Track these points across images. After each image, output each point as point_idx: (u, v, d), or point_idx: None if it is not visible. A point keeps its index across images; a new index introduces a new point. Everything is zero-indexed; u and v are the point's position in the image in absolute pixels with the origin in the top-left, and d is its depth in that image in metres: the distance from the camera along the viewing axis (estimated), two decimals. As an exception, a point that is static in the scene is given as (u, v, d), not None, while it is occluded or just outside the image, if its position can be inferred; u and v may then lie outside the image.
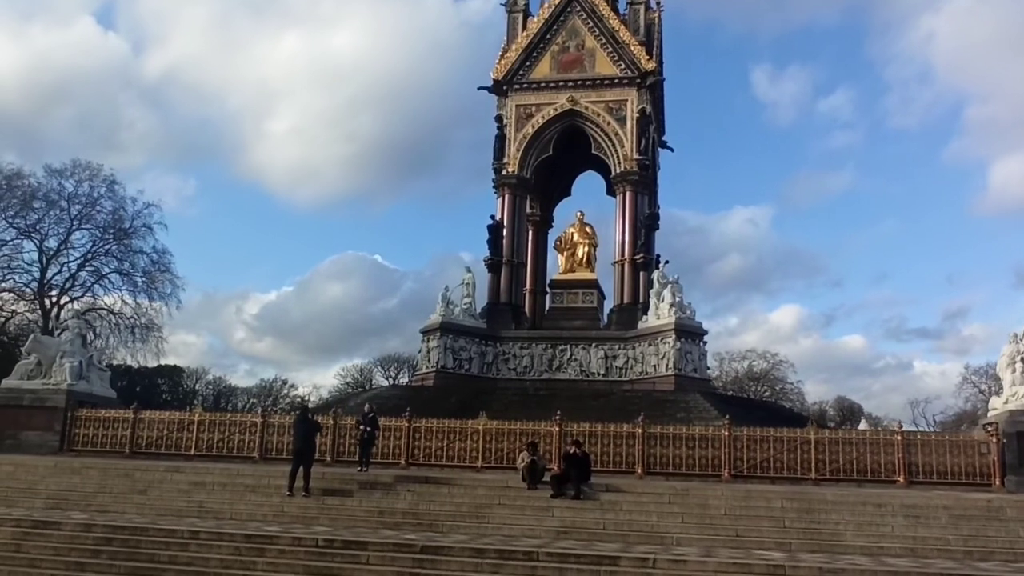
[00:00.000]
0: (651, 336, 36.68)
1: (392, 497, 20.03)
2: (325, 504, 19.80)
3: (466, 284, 39.59)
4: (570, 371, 38.06)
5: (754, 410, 33.00)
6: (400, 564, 15.30)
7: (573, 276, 41.36)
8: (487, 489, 20.11)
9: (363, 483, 20.93)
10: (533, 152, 40.98)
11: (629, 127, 39.61)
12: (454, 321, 38.39)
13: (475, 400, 32.63)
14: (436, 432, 26.99)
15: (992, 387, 71.24)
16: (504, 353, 38.84)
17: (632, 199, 39.52)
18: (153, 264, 58.18)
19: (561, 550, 15.51)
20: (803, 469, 25.27)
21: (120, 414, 29.71)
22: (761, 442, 25.76)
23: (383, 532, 17.59)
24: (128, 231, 58.07)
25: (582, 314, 40.40)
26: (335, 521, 18.74)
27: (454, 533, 17.70)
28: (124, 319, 58.29)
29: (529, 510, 18.86)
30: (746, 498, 19.00)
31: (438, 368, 37.59)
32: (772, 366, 74.30)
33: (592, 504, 18.98)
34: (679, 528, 17.68)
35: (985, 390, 71.00)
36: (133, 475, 22.23)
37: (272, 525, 18.20)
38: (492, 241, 40.39)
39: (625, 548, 16.16)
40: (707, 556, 15.38)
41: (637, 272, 39.19)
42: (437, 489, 20.28)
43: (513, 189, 40.75)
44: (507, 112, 41.18)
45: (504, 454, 26.21)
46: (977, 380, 71.90)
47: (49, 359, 31.78)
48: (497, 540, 16.72)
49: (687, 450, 25.93)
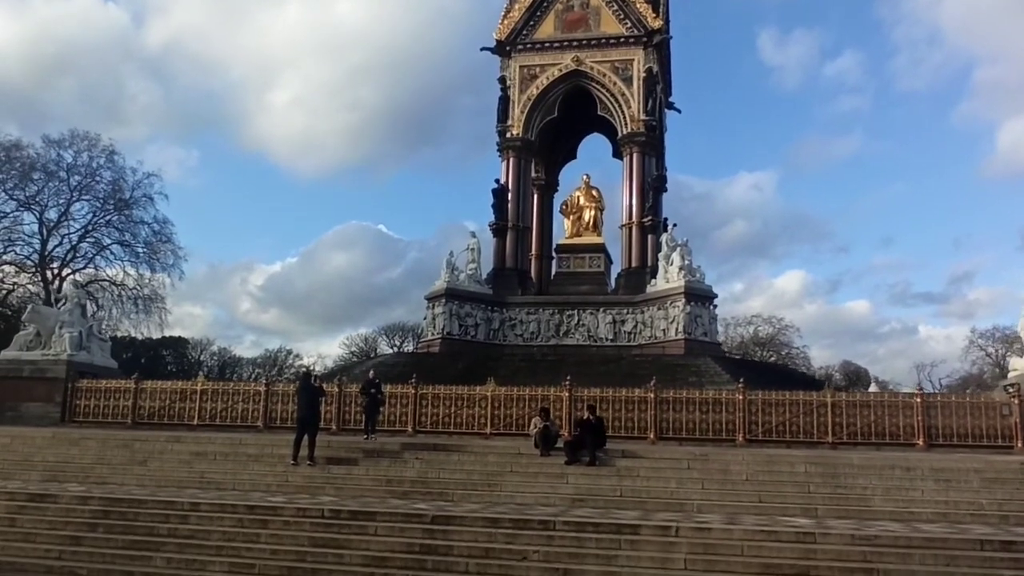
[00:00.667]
0: (660, 300, 35.74)
1: (400, 465, 19.22)
2: (331, 473, 18.99)
3: (471, 249, 38.56)
4: (578, 336, 37.12)
5: (766, 373, 32.18)
6: (410, 535, 14.50)
7: (580, 240, 40.33)
8: (498, 456, 19.29)
9: (369, 451, 20.11)
10: (538, 114, 39.74)
11: (636, 87, 38.36)
12: (459, 287, 37.44)
13: (482, 367, 31.78)
14: (443, 399, 26.24)
15: (999, 350, 70.76)
16: (511, 319, 37.89)
17: (639, 161, 38.37)
18: (155, 235, 57.39)
19: (578, 518, 14.69)
20: (820, 433, 24.54)
21: (121, 384, 28.98)
22: (776, 406, 24.99)
23: (391, 502, 16.79)
24: (128, 202, 57.23)
25: (589, 279, 39.42)
26: (341, 491, 17.95)
27: (465, 502, 16.90)
28: (127, 291, 57.58)
29: (543, 477, 18.03)
30: (768, 463, 18.16)
31: (444, 335, 36.69)
32: (778, 331, 73.54)
33: (608, 471, 18.14)
34: (700, 495, 16.85)
35: (992, 353, 70.55)
36: (132, 446, 21.42)
37: (276, 495, 17.41)
38: (497, 205, 39.30)
39: (645, 516, 15.34)
40: (731, 523, 14.56)
41: (645, 235, 38.15)
42: (447, 456, 19.46)
43: (518, 152, 39.59)
44: (511, 74, 39.91)
45: (513, 420, 25.49)
46: (984, 343, 71.02)
47: (48, 329, 30.97)
48: (510, 509, 15.91)
49: (700, 414, 25.21)
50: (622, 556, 13.50)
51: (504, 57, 40.02)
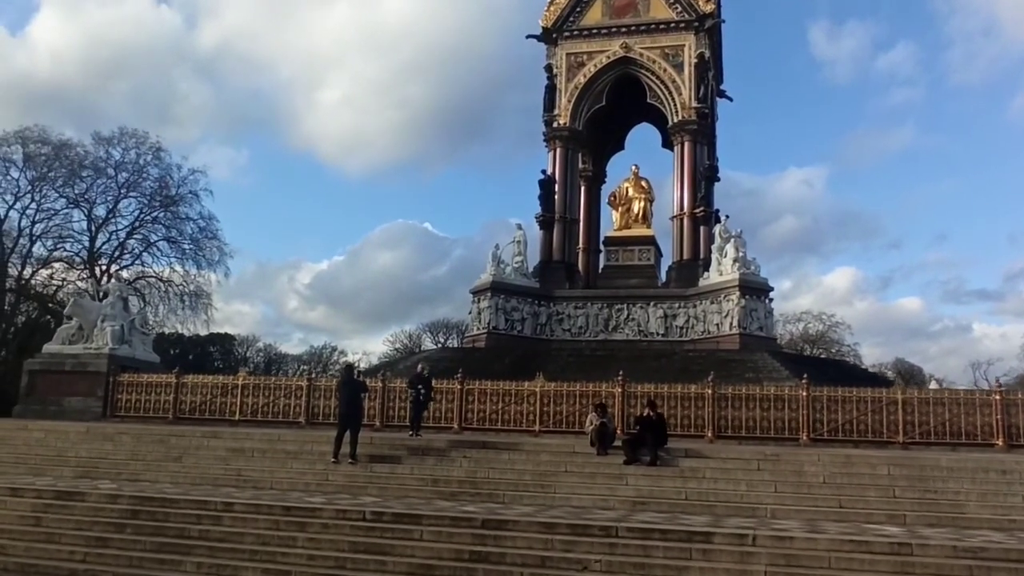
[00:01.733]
0: (714, 293, 34.02)
1: (447, 464, 17.82)
2: (373, 472, 17.66)
3: (517, 242, 37.06)
4: (627, 331, 35.53)
5: (825, 370, 30.33)
6: (458, 540, 13.10)
7: (629, 233, 38.66)
8: (551, 455, 17.81)
9: (414, 449, 18.74)
10: (585, 103, 38.16)
11: (687, 73, 36.62)
12: (506, 280, 36.02)
13: (529, 362, 30.43)
14: (490, 394, 24.96)
15: (1058, 349, 67.63)
16: (558, 313, 36.40)
17: (691, 150, 36.63)
18: (200, 231, 56.51)
19: (643, 524, 13.20)
20: (890, 432, 22.92)
21: (163, 379, 28.05)
22: (843, 403, 23.42)
23: (438, 503, 15.40)
24: (174, 198, 56.54)
25: (639, 272, 37.77)
26: (384, 491, 16.60)
27: (517, 504, 15.46)
28: (173, 287, 56.93)
29: (600, 478, 16.51)
30: (846, 464, 16.47)
31: (489, 329, 35.30)
32: (828, 328, 70.99)
33: (671, 471, 16.58)
34: (772, 498, 15.23)
35: (1048, 353, 67.45)
36: (168, 441, 20.32)
37: (315, 495, 16.12)
38: (544, 197, 37.78)
39: (715, 522, 13.79)
40: (814, 531, 12.95)
41: (697, 226, 36.40)
42: (496, 455, 18.01)
43: (565, 142, 38.03)
44: (557, 61, 38.37)
45: (563, 418, 24.18)
46: (1043, 340, 67.75)
47: (90, 323, 30.10)
48: (567, 513, 14.45)
49: (761, 412, 23.70)
50: (693, 568, 11.97)
51: (550, 45, 38.52)
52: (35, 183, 52.84)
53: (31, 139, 52.92)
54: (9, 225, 52.73)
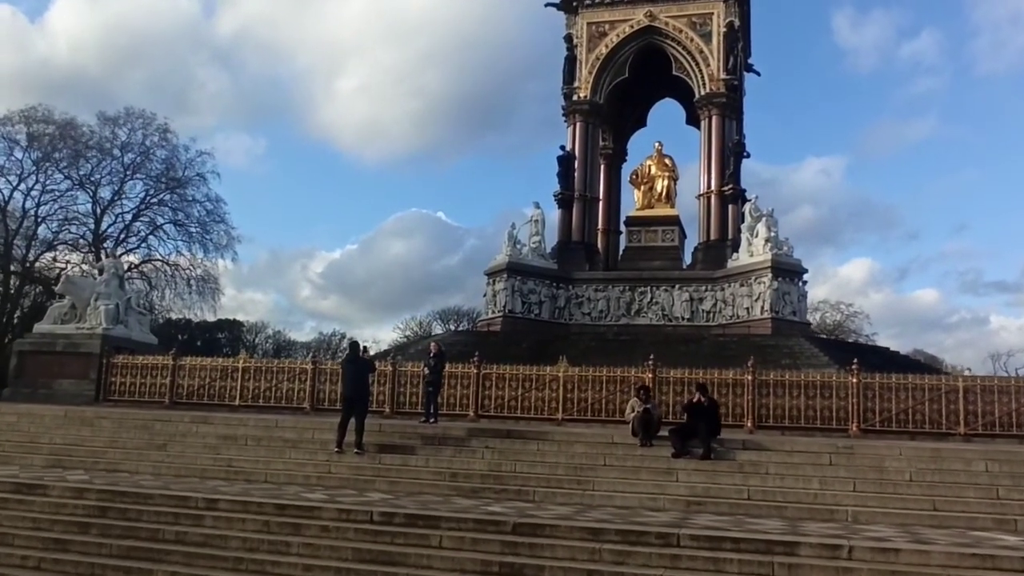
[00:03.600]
0: (743, 275, 31.40)
1: (466, 455, 15.23)
2: (382, 464, 15.11)
3: (535, 221, 34.42)
4: (651, 315, 32.93)
5: (866, 355, 27.66)
6: (485, 549, 10.55)
7: (652, 212, 35.99)
8: (586, 446, 15.19)
9: (429, 438, 16.16)
10: (607, 75, 35.46)
11: (715, 43, 33.91)
12: (522, 261, 33.42)
13: (548, 346, 27.92)
14: (509, 380, 22.50)
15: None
16: (577, 296, 33.80)
17: (719, 124, 33.92)
18: (208, 214, 54.15)
19: (709, 531, 10.61)
20: (949, 422, 20.49)
21: (159, 361, 25.62)
22: (897, 391, 20.92)
23: (457, 502, 12.86)
24: (181, 180, 54.20)
25: (662, 253, 35.11)
26: (394, 486, 14.06)
27: (550, 503, 12.91)
28: (180, 271, 54.58)
29: (645, 473, 13.91)
30: (934, 459, 13.86)
31: (505, 312, 32.73)
32: (846, 318, 68.31)
33: (727, 466, 13.98)
34: (852, 499, 12.63)
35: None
36: (152, 427, 17.78)
37: (315, 490, 13.59)
38: (562, 174, 35.13)
39: (792, 528, 11.22)
40: (918, 541, 10.36)
41: (725, 205, 33.72)
42: (523, 446, 15.41)
43: (585, 116, 35.34)
44: (577, 31, 35.66)
45: (588, 405, 21.78)
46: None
47: (84, 301, 27.70)
48: (612, 515, 11.89)
49: (806, 400, 21.30)
50: (778, 587, 9.41)
51: (570, 14, 35.80)
52: (40, 163, 50.76)
53: (35, 119, 50.77)
54: (14, 206, 50.75)
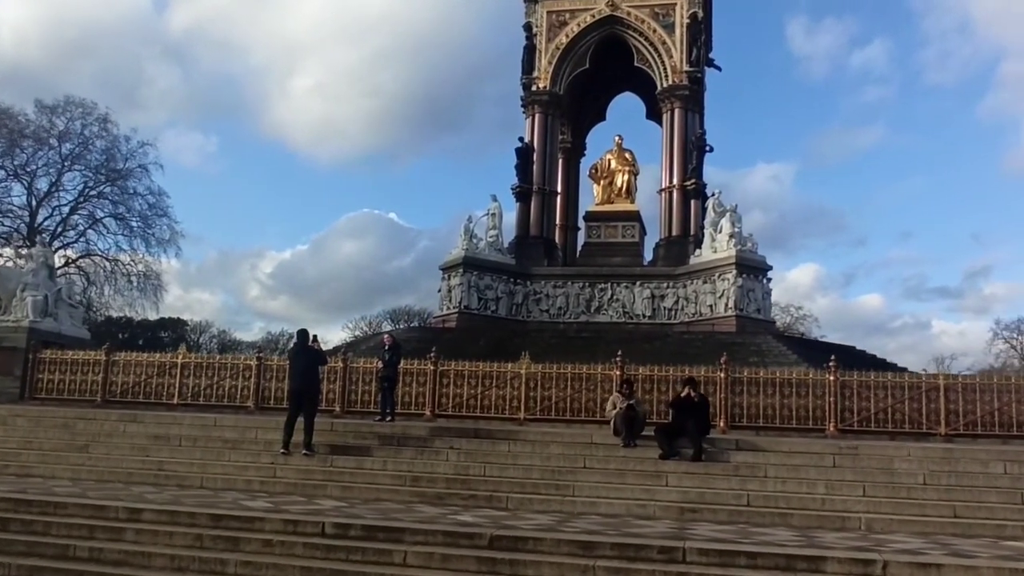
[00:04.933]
0: (707, 272, 30.11)
1: (429, 457, 13.47)
2: (334, 467, 13.29)
3: (492, 215, 32.72)
4: (611, 313, 31.47)
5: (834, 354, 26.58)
6: (458, 567, 8.82)
7: (612, 208, 34.53)
8: (563, 446, 13.55)
9: (387, 437, 14.38)
10: (567, 65, 33.93)
11: (678, 35, 32.60)
12: (479, 256, 31.72)
13: (506, 343, 26.26)
14: (468, 377, 20.70)
15: (1023, 342, 65.46)
16: (536, 293, 32.19)
17: (681, 117, 32.61)
18: (150, 208, 51.57)
19: (719, 544, 9.03)
20: (930, 422, 19.25)
21: (90, 356, 23.27)
22: (876, 389, 19.67)
23: (421, 510, 11.09)
24: (122, 172, 51.45)
25: (622, 249, 33.66)
26: (348, 492, 12.26)
27: (526, 512, 11.24)
28: (121, 267, 51.81)
29: (631, 476, 12.30)
30: (947, 460, 12.51)
31: (461, 309, 31.00)
32: (795, 320, 67.71)
33: (721, 468, 12.46)
34: (863, 504, 11.18)
35: (1017, 345, 65.14)
36: (74, 426, 15.71)
37: (257, 498, 11.73)
38: (521, 166, 33.51)
39: (806, 538, 9.70)
40: (956, 555, 8.90)
41: (688, 200, 32.42)
42: (493, 446, 13.71)
43: (544, 107, 33.78)
44: (537, 20, 34.08)
45: (552, 403, 20.13)
46: (1008, 335, 65.37)
47: (9, 293, 25.30)
48: (598, 523, 10.25)
49: (781, 398, 19.89)
50: (807, 611, 7.87)
51: (530, 2, 34.16)
52: (-31, 152, 47.67)
53: (-34, 107, 47.68)
54: (-58, 197, 47.54)
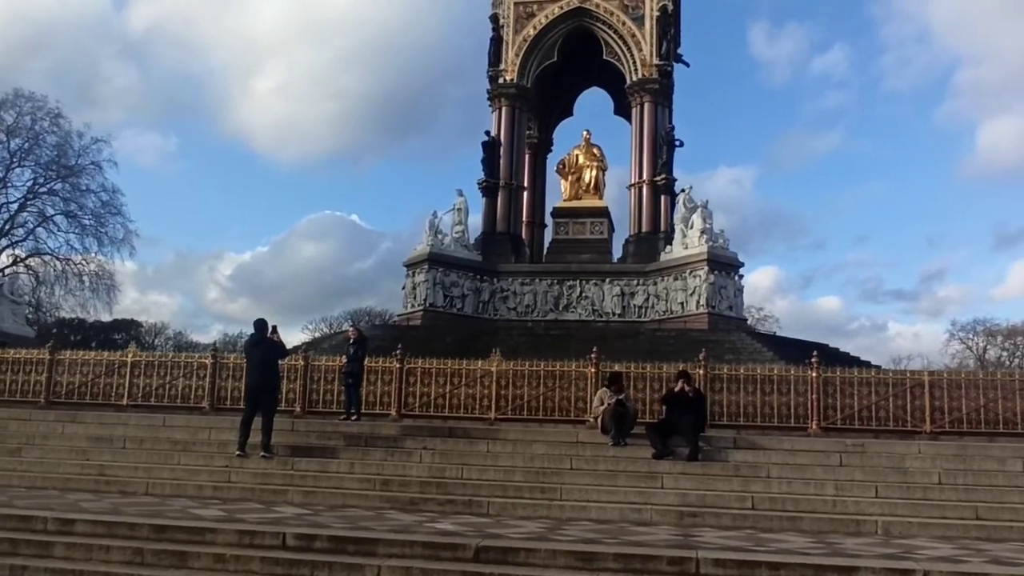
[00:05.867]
0: (678, 269, 29.14)
1: (401, 459, 12.21)
2: (296, 470, 11.98)
3: (458, 210, 31.40)
4: (580, 311, 30.36)
5: (810, 352, 25.82)
6: (440, 583, 7.60)
7: (580, 204, 33.43)
8: (547, 446, 12.39)
9: (353, 437, 13.11)
10: (535, 58, 32.77)
11: (648, 28, 31.64)
12: (445, 252, 30.42)
13: (473, 342, 24.99)
14: (436, 375, 19.33)
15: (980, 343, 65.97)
16: (502, 290, 30.98)
17: (651, 111, 31.60)
18: (103, 205, 49.36)
19: (734, 553, 7.92)
20: (915, 420, 18.30)
21: (33, 354, 21.53)
22: (859, 386, 18.67)
23: (394, 517, 9.85)
24: (74, 168, 49.26)
25: (591, 246, 32.59)
26: (312, 497, 10.95)
27: (510, 518, 10.05)
28: (72, 266, 49.62)
29: (623, 478, 11.16)
30: (960, 458, 11.59)
31: (426, 306, 29.65)
32: (757, 321, 67.25)
33: (720, 468, 11.39)
34: (878, 507, 10.17)
35: (973, 346, 65.61)
36: (6, 427, 14.21)
37: (209, 505, 10.39)
38: (487, 160, 32.25)
39: (824, 545, 8.65)
40: (997, 562, 7.90)
41: (658, 196, 31.42)
42: (470, 446, 12.51)
43: (511, 100, 32.57)
44: (504, 11, 32.89)
45: (524, 402, 18.81)
46: (964, 336, 65.82)
47: (-53, 289, 23.56)
48: (591, 530, 9.10)
49: (762, 396, 18.74)
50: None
51: (497, -8, 33.05)
52: (-87, 147, 45.36)
53: (-94, 98, 45.33)
54: None
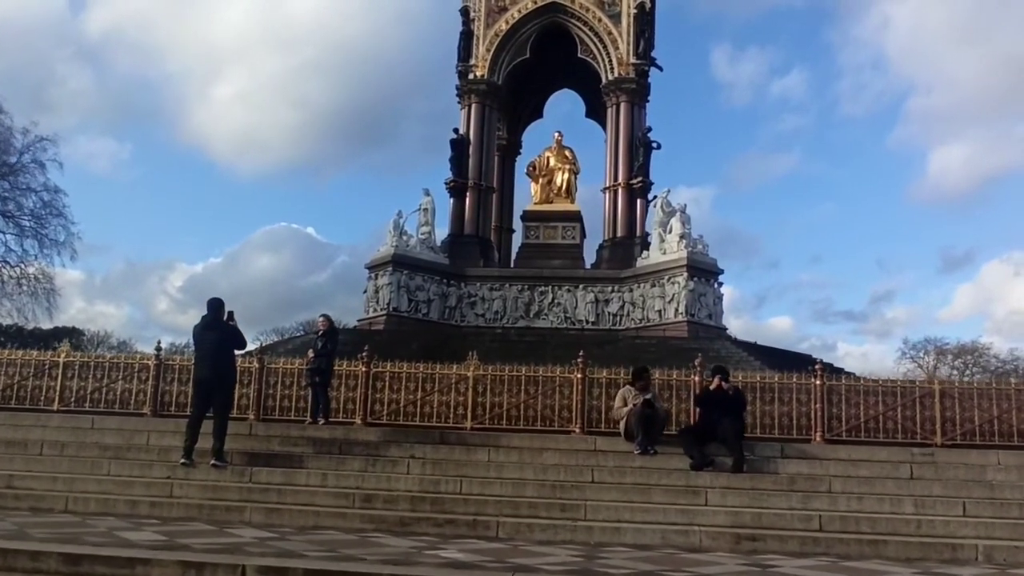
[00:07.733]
0: (655, 275, 27.32)
1: (384, 469, 9.98)
2: (255, 482, 9.68)
3: (424, 210, 29.20)
4: (552, 318, 28.32)
5: (795, 362, 24.25)
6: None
7: (551, 207, 31.43)
8: (560, 454, 10.29)
9: (324, 443, 10.86)
10: (506, 54, 30.83)
11: (625, 25, 29.94)
12: (410, 254, 28.19)
13: (440, 348, 22.71)
14: (406, 381, 17.12)
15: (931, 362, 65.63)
16: (471, 295, 28.84)
17: (628, 111, 29.84)
18: (44, 206, 45.93)
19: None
20: (924, 431, 16.63)
21: (-46, 356, 18.84)
22: (866, 395, 16.97)
23: (383, 542, 7.64)
24: (14, 166, 45.91)
25: (562, 252, 30.60)
26: (275, 516, 8.67)
27: (527, 542, 7.92)
28: (8, 268, 46.21)
29: (659, 493, 9.10)
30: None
31: (389, 311, 27.37)
32: (714, 338, 66.34)
33: (772, 481, 9.43)
34: (971, 528, 8.29)
35: (923, 365, 65.16)
36: (-101, 431, 11.66)
37: (144, 527, 8.06)
38: (456, 159, 30.15)
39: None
40: None
41: (634, 200, 29.60)
42: (468, 455, 10.36)
43: (481, 97, 30.54)
44: (475, 4, 30.86)
45: (503, 411, 16.68)
46: (915, 355, 65.39)
47: None
48: (635, 558, 7.02)
49: (762, 405, 16.86)
50: None
51: (467, -16, 31.12)
52: None
53: None
54: None
